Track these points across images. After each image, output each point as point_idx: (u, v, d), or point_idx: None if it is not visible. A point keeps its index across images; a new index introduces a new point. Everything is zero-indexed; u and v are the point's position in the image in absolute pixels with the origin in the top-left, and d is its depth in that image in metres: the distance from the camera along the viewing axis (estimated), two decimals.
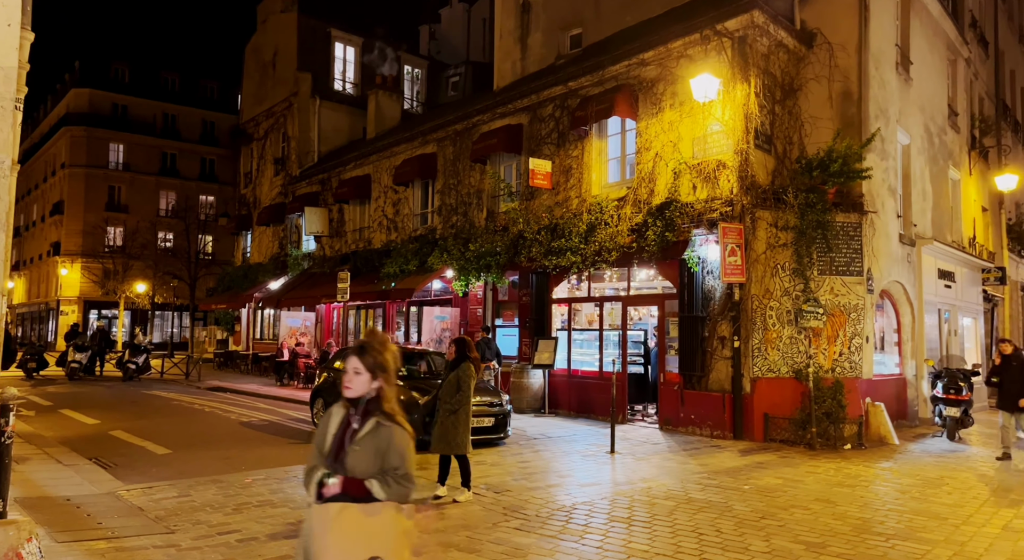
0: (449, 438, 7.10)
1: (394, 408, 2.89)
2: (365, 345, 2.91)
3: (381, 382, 2.88)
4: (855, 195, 12.01)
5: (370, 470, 2.79)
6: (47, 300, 48.37)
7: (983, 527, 6.48)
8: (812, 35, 12.79)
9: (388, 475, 2.80)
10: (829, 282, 11.70)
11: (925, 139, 15.45)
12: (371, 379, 2.87)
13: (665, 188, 12.55)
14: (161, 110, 48.90)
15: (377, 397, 2.87)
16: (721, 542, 5.80)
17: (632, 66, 13.37)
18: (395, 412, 2.88)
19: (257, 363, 24.33)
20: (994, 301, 20.52)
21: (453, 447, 7.11)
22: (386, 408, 2.87)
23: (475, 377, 7.37)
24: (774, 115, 12.22)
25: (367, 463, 2.79)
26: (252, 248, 28.21)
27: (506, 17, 19.76)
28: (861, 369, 11.73)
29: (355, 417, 2.89)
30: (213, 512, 6.47)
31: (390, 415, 2.86)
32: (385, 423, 2.84)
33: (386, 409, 2.87)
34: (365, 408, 2.87)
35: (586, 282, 14.37)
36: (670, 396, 12.28)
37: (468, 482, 7.19)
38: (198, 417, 13.85)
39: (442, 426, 7.13)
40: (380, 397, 2.88)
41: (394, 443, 2.81)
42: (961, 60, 17.92)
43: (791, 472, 8.80)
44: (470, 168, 17.20)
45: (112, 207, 46.52)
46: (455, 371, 7.26)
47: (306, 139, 25.31)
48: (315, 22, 26.25)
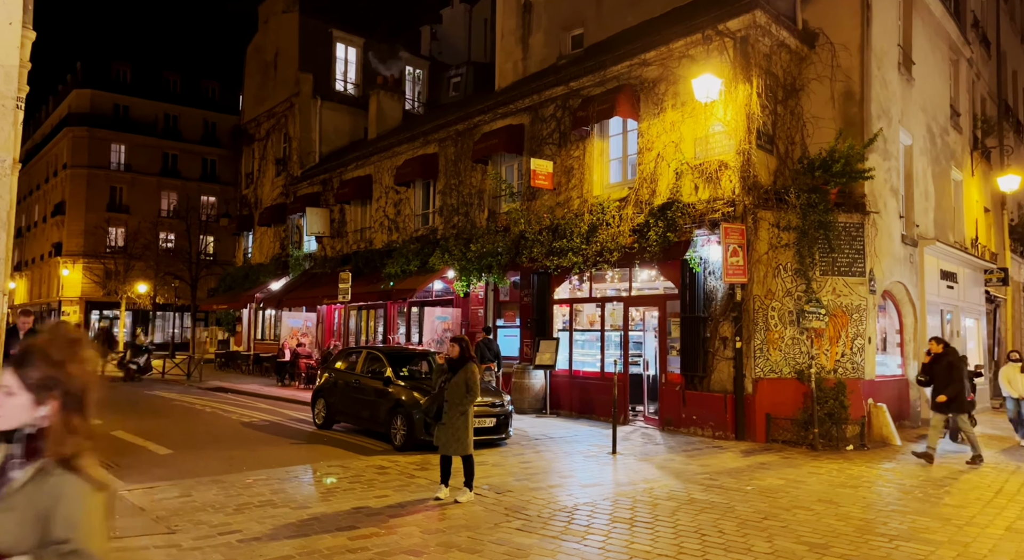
0: (461, 439, 7.14)
1: (79, 448, 1.86)
2: (31, 351, 1.90)
3: (54, 407, 1.86)
4: (857, 195, 11.98)
5: (20, 545, 1.79)
6: (48, 300, 48.41)
7: (986, 528, 6.46)
8: (814, 35, 12.77)
9: (48, 555, 1.79)
10: (831, 282, 11.68)
11: (927, 139, 15.43)
12: (34, 403, 1.86)
13: (667, 188, 12.53)
14: (163, 111, 48.93)
15: (48, 431, 1.85)
16: (724, 543, 5.78)
17: (634, 66, 13.35)
18: (78, 454, 1.85)
19: (258, 364, 24.33)
20: (996, 302, 20.47)
21: (464, 448, 7.15)
22: (61, 450, 1.84)
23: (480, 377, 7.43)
24: (776, 115, 12.19)
25: (16, 535, 1.79)
26: (253, 248, 28.22)
27: (507, 17, 19.76)
28: (863, 370, 11.71)
29: (13, 461, 1.87)
30: (214, 512, 6.46)
31: (67, 460, 1.83)
32: (55, 473, 1.82)
33: (63, 451, 1.84)
34: (27, 447, 1.86)
35: (587, 283, 14.35)
36: (672, 397, 12.26)
37: (471, 482, 7.19)
38: (199, 417, 13.85)
39: (453, 427, 7.13)
40: (53, 431, 1.85)
41: (64, 503, 1.79)
42: (963, 60, 17.89)
43: (793, 473, 8.78)
44: (471, 168, 17.19)
45: (114, 208, 46.55)
46: (462, 372, 7.23)
47: (307, 139, 25.32)
48: (316, 22, 26.25)
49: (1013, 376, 11.90)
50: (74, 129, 46.24)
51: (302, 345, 20.39)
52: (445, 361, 7.44)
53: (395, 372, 10.90)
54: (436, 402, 7.29)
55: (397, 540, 5.73)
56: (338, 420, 12.06)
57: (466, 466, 7.18)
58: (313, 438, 11.29)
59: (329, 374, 12.46)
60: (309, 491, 7.60)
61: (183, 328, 46.84)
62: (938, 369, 10.07)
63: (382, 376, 10.90)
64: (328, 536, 5.80)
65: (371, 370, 11.39)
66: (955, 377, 9.88)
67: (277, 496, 7.17)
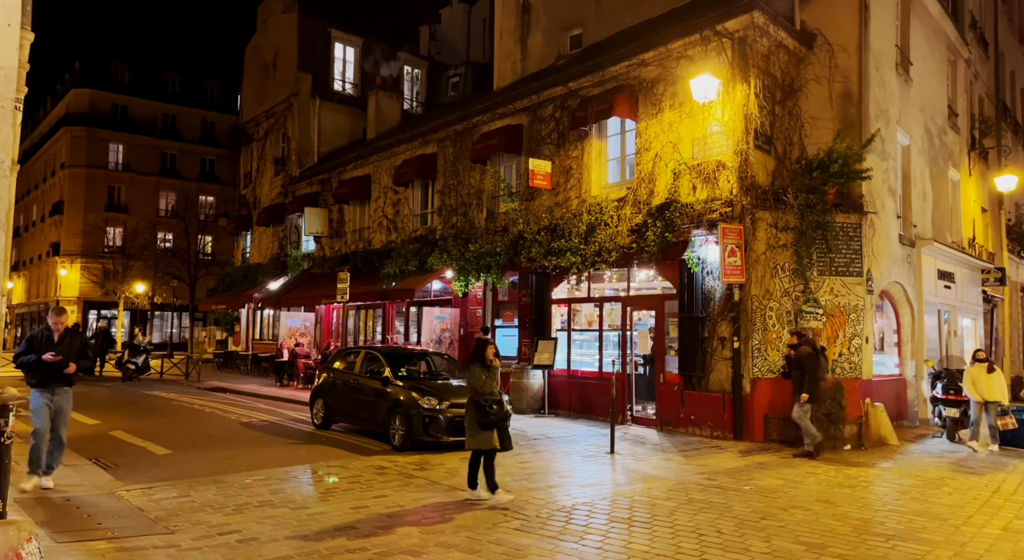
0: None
1: None
2: None
3: None
4: (855, 196, 12.01)
5: None
6: (47, 300, 48.35)
7: (983, 528, 6.48)
8: (812, 36, 12.79)
9: None
10: (829, 283, 11.70)
11: (925, 140, 15.46)
12: None
13: (665, 189, 12.55)
14: (161, 110, 48.89)
15: None
16: (722, 543, 5.80)
17: (632, 66, 13.37)
18: None
19: (257, 363, 24.31)
20: (994, 302, 20.51)
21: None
22: None
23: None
24: (774, 116, 12.22)
25: None
26: (252, 248, 28.21)
27: (506, 17, 19.76)
28: (861, 370, 11.73)
29: None
30: (213, 512, 6.46)
31: None
32: None
33: None
34: None
35: (586, 282, 14.36)
36: (670, 397, 12.28)
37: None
38: (198, 417, 13.85)
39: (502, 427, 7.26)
40: None
41: None
42: (961, 61, 17.92)
43: (791, 473, 8.80)
44: (470, 168, 17.20)
45: (112, 207, 46.51)
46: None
47: (306, 139, 25.31)
48: (315, 22, 26.25)
49: (979, 377, 11.00)
50: (72, 129, 46.19)
51: (300, 345, 20.39)
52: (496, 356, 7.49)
53: (394, 372, 10.90)
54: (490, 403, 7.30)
55: (396, 540, 5.74)
56: (337, 420, 12.06)
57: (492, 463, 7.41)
58: (312, 438, 11.30)
59: (328, 374, 12.46)
60: (308, 491, 7.61)
61: (181, 328, 46.83)
62: (794, 363, 10.15)
63: (381, 376, 10.91)
64: (327, 536, 5.81)
65: (370, 370, 11.40)
66: (809, 367, 9.88)
67: (276, 496, 7.18)
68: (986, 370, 10.99)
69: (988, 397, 10.92)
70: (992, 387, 10.91)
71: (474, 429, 7.16)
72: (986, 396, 10.92)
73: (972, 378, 11.09)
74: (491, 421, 7.10)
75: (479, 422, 7.10)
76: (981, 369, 11.04)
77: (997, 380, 10.96)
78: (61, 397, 7.28)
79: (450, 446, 9.87)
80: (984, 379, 10.94)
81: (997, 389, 10.91)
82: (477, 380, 7.29)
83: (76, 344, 7.42)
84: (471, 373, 7.38)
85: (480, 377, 7.30)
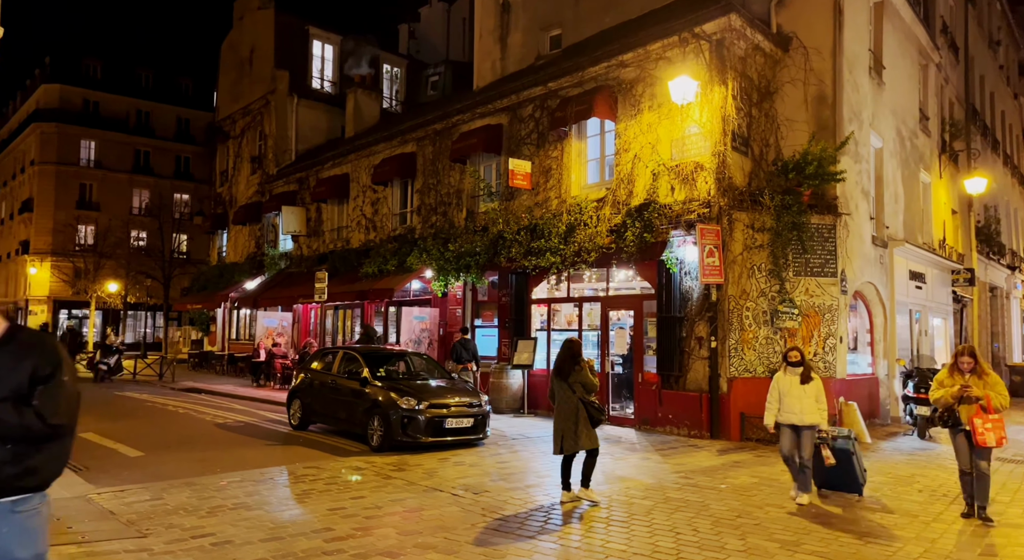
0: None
1: None
2: None
3: None
4: (829, 197, 12.18)
5: None
6: (15, 300, 47.30)
7: (952, 524, 6.61)
8: (788, 39, 12.94)
9: None
10: (804, 283, 11.86)
11: (897, 142, 15.73)
12: None
13: (644, 189, 12.63)
14: (134, 107, 48.04)
15: None
16: (698, 541, 5.84)
17: (611, 67, 13.43)
18: None
19: (233, 364, 24.02)
20: (963, 302, 20.94)
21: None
22: None
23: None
24: (751, 117, 12.35)
25: None
26: (228, 247, 27.85)
27: (486, 17, 19.74)
28: (835, 369, 11.90)
29: None
30: (187, 515, 6.37)
31: None
32: None
33: None
34: None
35: (565, 283, 14.40)
36: (648, 396, 12.36)
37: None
38: (172, 419, 13.64)
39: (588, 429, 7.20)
40: None
41: None
42: (932, 65, 18.27)
43: (767, 471, 8.90)
44: (450, 168, 17.15)
45: (83, 205, 45.61)
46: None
47: (283, 137, 25.04)
48: (293, 19, 25.98)
49: (789, 388, 7.80)
50: (42, 125, 45.20)
51: (277, 345, 20.19)
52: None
53: (372, 373, 10.83)
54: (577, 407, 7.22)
55: (373, 542, 5.71)
56: (314, 421, 11.96)
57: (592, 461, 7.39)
58: (289, 439, 11.19)
59: (305, 374, 12.35)
60: (284, 493, 7.53)
61: (155, 328, 46.07)
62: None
63: (359, 376, 10.84)
64: (303, 538, 5.75)
65: (348, 370, 11.32)
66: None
67: (251, 498, 7.09)
68: (801, 378, 11.04)
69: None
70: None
71: (588, 429, 7.14)
72: (805, 418, 11.04)
73: (780, 388, 11.04)
74: (602, 419, 7.31)
75: (594, 420, 7.16)
76: (795, 375, 11.13)
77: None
78: None
79: (429, 447, 9.84)
80: (797, 393, 10.92)
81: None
82: (589, 380, 7.19)
83: None
84: (582, 374, 7.17)
85: (591, 377, 7.24)
